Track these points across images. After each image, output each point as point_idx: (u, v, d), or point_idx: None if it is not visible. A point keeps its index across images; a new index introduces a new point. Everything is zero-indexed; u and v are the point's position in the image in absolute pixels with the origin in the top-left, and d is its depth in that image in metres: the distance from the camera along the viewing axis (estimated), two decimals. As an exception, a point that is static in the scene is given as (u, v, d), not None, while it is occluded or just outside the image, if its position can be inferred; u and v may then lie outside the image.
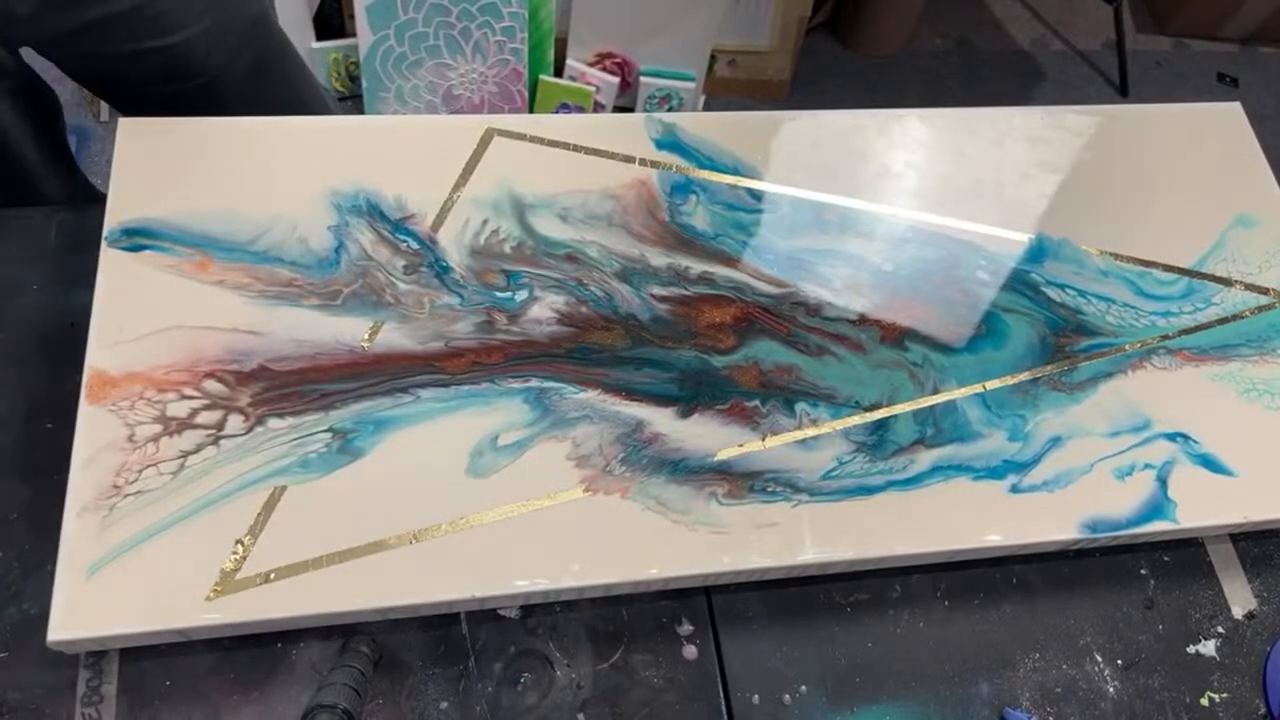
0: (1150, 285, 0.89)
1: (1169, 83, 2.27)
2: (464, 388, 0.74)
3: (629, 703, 0.70)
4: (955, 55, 2.26)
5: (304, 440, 0.70)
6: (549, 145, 0.87)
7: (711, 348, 0.79)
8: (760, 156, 0.90)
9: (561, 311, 0.79)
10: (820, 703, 0.72)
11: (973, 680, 0.75)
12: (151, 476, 0.67)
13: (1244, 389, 0.85)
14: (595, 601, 0.73)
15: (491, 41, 1.71)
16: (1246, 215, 0.95)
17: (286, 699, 0.67)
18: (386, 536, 0.68)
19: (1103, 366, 0.84)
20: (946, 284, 0.86)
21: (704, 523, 0.71)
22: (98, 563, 0.64)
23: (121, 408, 0.69)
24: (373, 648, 0.68)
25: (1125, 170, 0.96)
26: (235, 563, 0.65)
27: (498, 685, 0.69)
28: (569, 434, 0.73)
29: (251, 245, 0.77)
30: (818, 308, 0.83)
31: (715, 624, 0.74)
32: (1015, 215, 0.91)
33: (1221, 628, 0.79)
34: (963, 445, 0.78)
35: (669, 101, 1.89)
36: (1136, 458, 0.79)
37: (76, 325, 0.74)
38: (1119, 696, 0.75)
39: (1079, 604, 0.79)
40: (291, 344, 0.74)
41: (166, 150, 0.79)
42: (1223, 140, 0.99)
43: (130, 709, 0.66)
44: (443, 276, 0.79)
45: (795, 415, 0.77)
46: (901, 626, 0.76)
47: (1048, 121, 0.97)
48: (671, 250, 0.83)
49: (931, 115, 0.95)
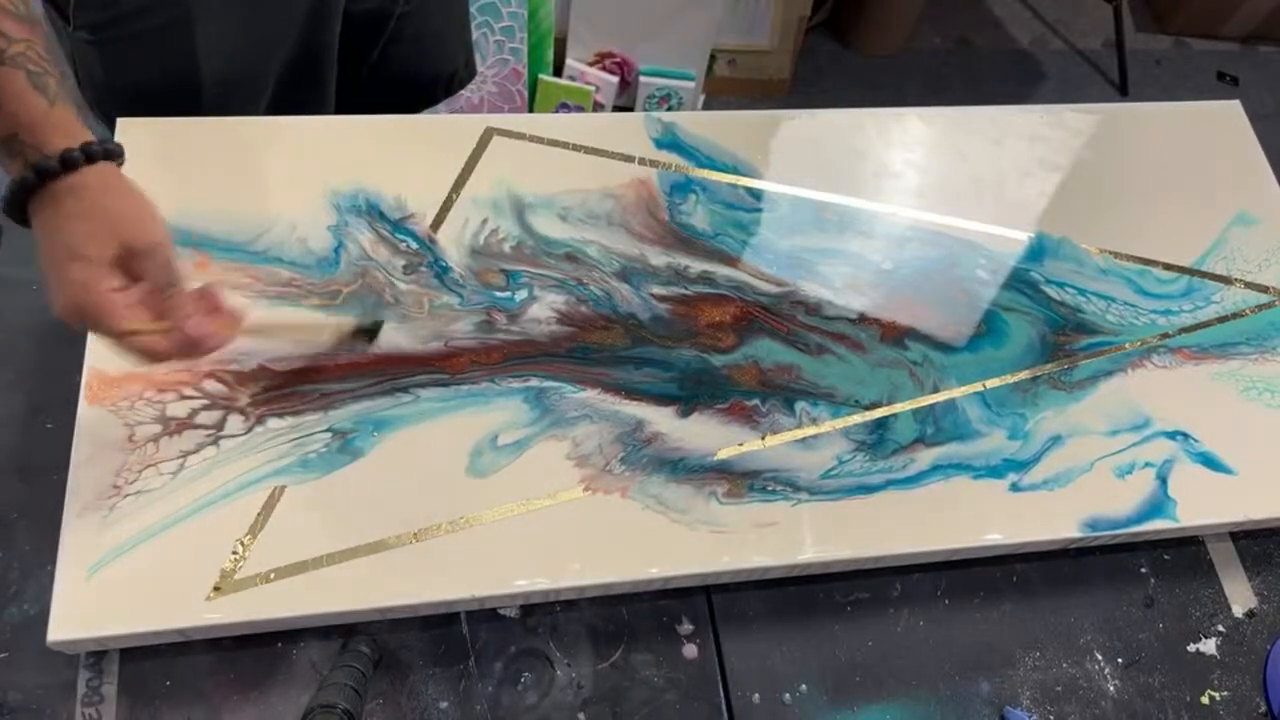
0: (1150, 283, 0.89)
1: (1169, 81, 2.27)
2: (464, 387, 0.74)
3: (629, 702, 0.70)
4: (955, 54, 2.25)
5: (304, 440, 0.70)
6: (548, 145, 0.87)
7: (711, 347, 0.79)
8: (760, 156, 0.90)
9: (561, 311, 0.79)
10: (820, 702, 0.72)
11: (973, 679, 0.75)
12: (151, 476, 0.67)
13: (1244, 387, 0.84)
14: (595, 601, 0.73)
15: (491, 41, 1.71)
16: (1246, 213, 0.95)
17: (286, 699, 0.67)
18: (386, 536, 0.68)
19: (1103, 365, 0.84)
20: (946, 283, 0.86)
21: (704, 522, 0.71)
22: (98, 563, 0.64)
23: (121, 408, 0.69)
24: (373, 648, 0.68)
25: (1125, 169, 0.96)
26: (235, 562, 0.65)
27: (498, 685, 0.69)
28: (569, 433, 0.73)
29: (251, 245, 0.77)
30: (817, 307, 0.83)
31: (715, 623, 0.74)
32: (1015, 214, 0.91)
33: (1222, 626, 0.79)
34: (963, 444, 0.78)
35: (668, 101, 1.89)
36: (1136, 456, 0.79)
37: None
38: (1119, 695, 0.75)
39: (1079, 603, 0.79)
40: (291, 343, 0.74)
41: (166, 150, 0.79)
42: (1223, 139, 0.99)
43: (130, 709, 0.66)
44: (442, 276, 0.79)
45: (795, 414, 0.77)
46: (902, 625, 0.76)
47: (1047, 120, 0.97)
48: (671, 249, 0.83)
49: (931, 114, 0.95)
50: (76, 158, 0.57)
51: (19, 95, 0.57)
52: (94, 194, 0.57)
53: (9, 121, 0.57)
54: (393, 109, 0.82)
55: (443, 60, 1.08)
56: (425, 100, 1.10)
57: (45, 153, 0.56)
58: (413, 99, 1.08)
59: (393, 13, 0.97)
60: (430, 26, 1.03)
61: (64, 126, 0.57)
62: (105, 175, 0.58)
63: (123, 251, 0.57)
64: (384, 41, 0.99)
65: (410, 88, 1.07)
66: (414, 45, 1.02)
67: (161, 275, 0.58)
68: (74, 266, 0.56)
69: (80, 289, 0.56)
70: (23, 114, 0.57)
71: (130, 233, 0.57)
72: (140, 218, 0.59)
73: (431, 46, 1.05)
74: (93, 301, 0.56)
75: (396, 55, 1.01)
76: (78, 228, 0.57)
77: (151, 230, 0.59)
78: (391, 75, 1.03)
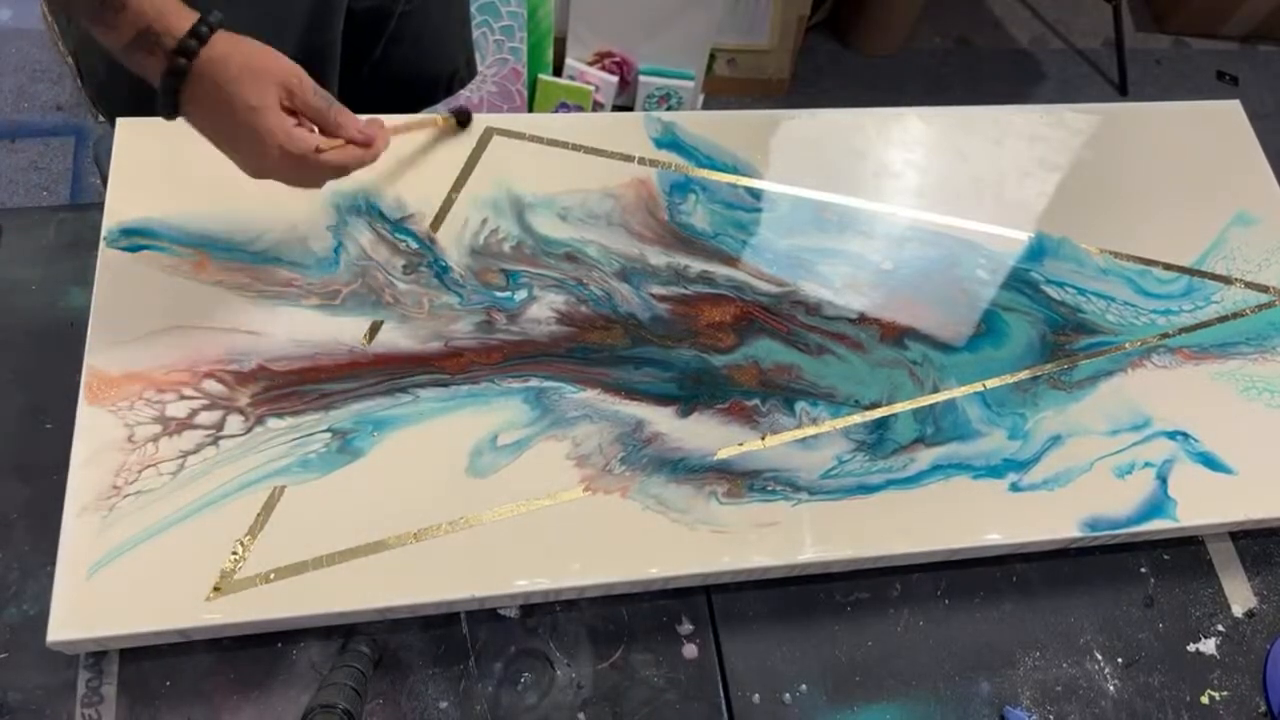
0: (1150, 283, 0.89)
1: (1168, 81, 2.27)
2: (463, 387, 0.74)
3: (629, 702, 0.70)
4: (955, 54, 2.25)
5: (303, 440, 0.70)
6: (548, 144, 0.87)
7: (711, 347, 0.79)
8: (760, 155, 0.90)
9: (561, 311, 0.79)
10: (820, 702, 0.72)
11: (973, 679, 0.75)
12: (151, 477, 0.67)
13: (1244, 387, 0.84)
14: (595, 601, 0.73)
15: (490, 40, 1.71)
16: (1246, 213, 0.95)
17: (286, 699, 0.67)
18: (386, 536, 0.68)
19: (1102, 365, 0.84)
20: (946, 283, 0.86)
21: (704, 522, 0.71)
22: (97, 563, 0.64)
23: (121, 408, 0.69)
24: (373, 648, 0.68)
25: (1125, 168, 0.96)
26: (235, 563, 0.65)
27: (498, 685, 0.69)
28: (569, 433, 0.73)
29: (250, 245, 0.77)
30: (817, 306, 0.83)
31: (715, 623, 0.74)
32: (1015, 214, 0.91)
33: (1222, 626, 0.79)
34: (962, 444, 0.78)
35: (668, 100, 1.89)
36: (1136, 456, 0.79)
37: (76, 325, 0.74)
38: (1119, 695, 0.75)
39: (1079, 602, 0.79)
40: (291, 344, 0.74)
41: (165, 150, 0.79)
42: (1222, 138, 0.99)
43: (130, 709, 0.66)
44: (442, 276, 0.79)
45: (795, 414, 0.77)
46: (902, 625, 0.76)
47: (1047, 120, 0.97)
48: (671, 249, 0.83)
49: (931, 114, 0.95)
50: (205, 31, 0.60)
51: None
52: (236, 55, 0.61)
53: (138, 18, 0.59)
54: (393, 108, 0.82)
55: (443, 60, 1.09)
56: (426, 100, 1.10)
57: (178, 36, 0.59)
58: (413, 98, 1.08)
59: (394, 11, 0.97)
60: (431, 26, 1.03)
61: (180, 9, 0.60)
62: (228, 37, 0.61)
63: (282, 92, 0.62)
64: (385, 40, 0.99)
65: (411, 87, 1.07)
66: (415, 45, 1.02)
67: (317, 98, 0.64)
68: (260, 120, 0.61)
69: (281, 136, 0.62)
70: (149, 8, 0.59)
71: (281, 73, 0.62)
72: (276, 56, 0.63)
73: (432, 46, 1.05)
74: (293, 142, 0.62)
75: (398, 55, 1.01)
76: (241, 89, 0.60)
77: (290, 64, 0.63)
78: (393, 75, 1.03)
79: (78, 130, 1.82)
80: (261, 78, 0.61)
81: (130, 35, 0.59)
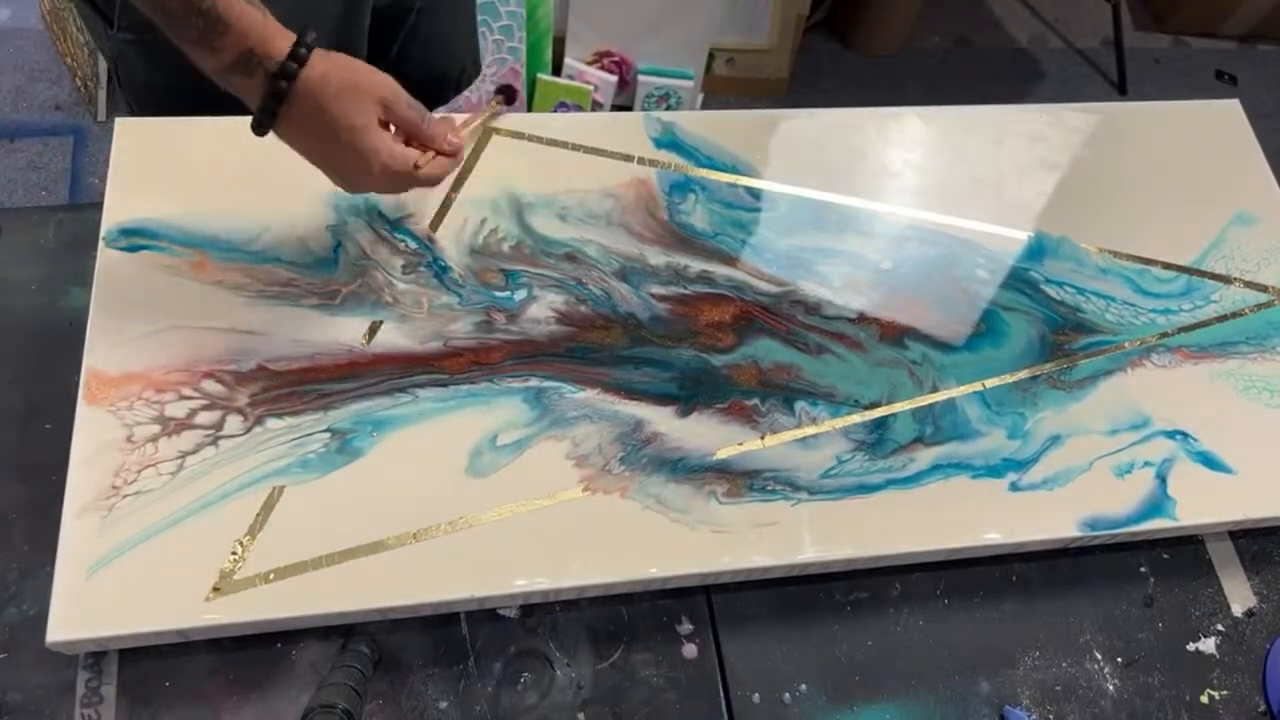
0: (1149, 283, 0.89)
1: (1168, 80, 2.27)
2: (463, 387, 0.74)
3: (629, 702, 0.70)
4: (954, 54, 2.25)
5: (303, 440, 0.70)
6: (547, 144, 0.87)
7: (711, 346, 0.79)
8: (759, 155, 0.89)
9: (560, 311, 0.79)
10: (820, 701, 0.72)
11: (973, 678, 0.75)
12: (150, 477, 0.67)
13: (1243, 386, 0.84)
14: (595, 601, 0.73)
15: (489, 40, 1.71)
16: (1245, 213, 0.95)
17: (286, 699, 0.67)
18: (386, 536, 0.68)
19: (1102, 364, 0.84)
20: (946, 282, 0.86)
21: (704, 522, 0.71)
22: (97, 563, 0.64)
23: (120, 408, 0.69)
24: (373, 648, 0.68)
25: (1124, 168, 0.96)
26: (234, 563, 0.65)
27: (498, 685, 0.69)
28: (568, 433, 0.73)
29: (249, 245, 0.77)
30: (817, 306, 0.83)
31: (715, 623, 0.74)
32: (1014, 213, 0.91)
33: (1221, 625, 0.79)
34: (962, 443, 0.78)
35: (667, 100, 1.89)
36: (1136, 455, 0.79)
37: (75, 325, 0.74)
38: (1119, 694, 0.75)
39: (1079, 602, 0.79)
40: (290, 344, 0.74)
41: (164, 150, 0.79)
42: (1222, 138, 0.99)
43: (130, 709, 0.66)
44: (441, 276, 0.79)
45: (795, 414, 0.77)
46: (901, 625, 0.76)
47: (1046, 119, 0.97)
48: (670, 249, 0.83)
49: (930, 114, 0.95)
50: (304, 53, 0.60)
51: (243, 13, 0.59)
52: (333, 74, 0.61)
53: (240, 41, 0.59)
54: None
55: (454, 58, 1.08)
56: (437, 98, 1.09)
57: (278, 59, 0.59)
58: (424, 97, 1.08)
59: (413, 6, 0.96)
60: (443, 24, 1.03)
61: (277, 30, 0.60)
62: (324, 55, 0.62)
63: (379, 107, 0.63)
64: (403, 36, 0.99)
65: (423, 86, 1.07)
66: (428, 44, 1.02)
67: (411, 110, 0.66)
68: (363, 140, 0.62)
69: (385, 155, 0.63)
70: (251, 30, 0.59)
71: (378, 88, 0.63)
72: (371, 71, 0.64)
73: (444, 44, 1.05)
74: (395, 160, 0.63)
75: (414, 53, 1.01)
76: (342, 108, 0.61)
77: (384, 78, 0.64)
78: (408, 74, 1.03)
79: (76, 130, 1.82)
80: (361, 95, 0.62)
81: (232, 58, 0.59)
